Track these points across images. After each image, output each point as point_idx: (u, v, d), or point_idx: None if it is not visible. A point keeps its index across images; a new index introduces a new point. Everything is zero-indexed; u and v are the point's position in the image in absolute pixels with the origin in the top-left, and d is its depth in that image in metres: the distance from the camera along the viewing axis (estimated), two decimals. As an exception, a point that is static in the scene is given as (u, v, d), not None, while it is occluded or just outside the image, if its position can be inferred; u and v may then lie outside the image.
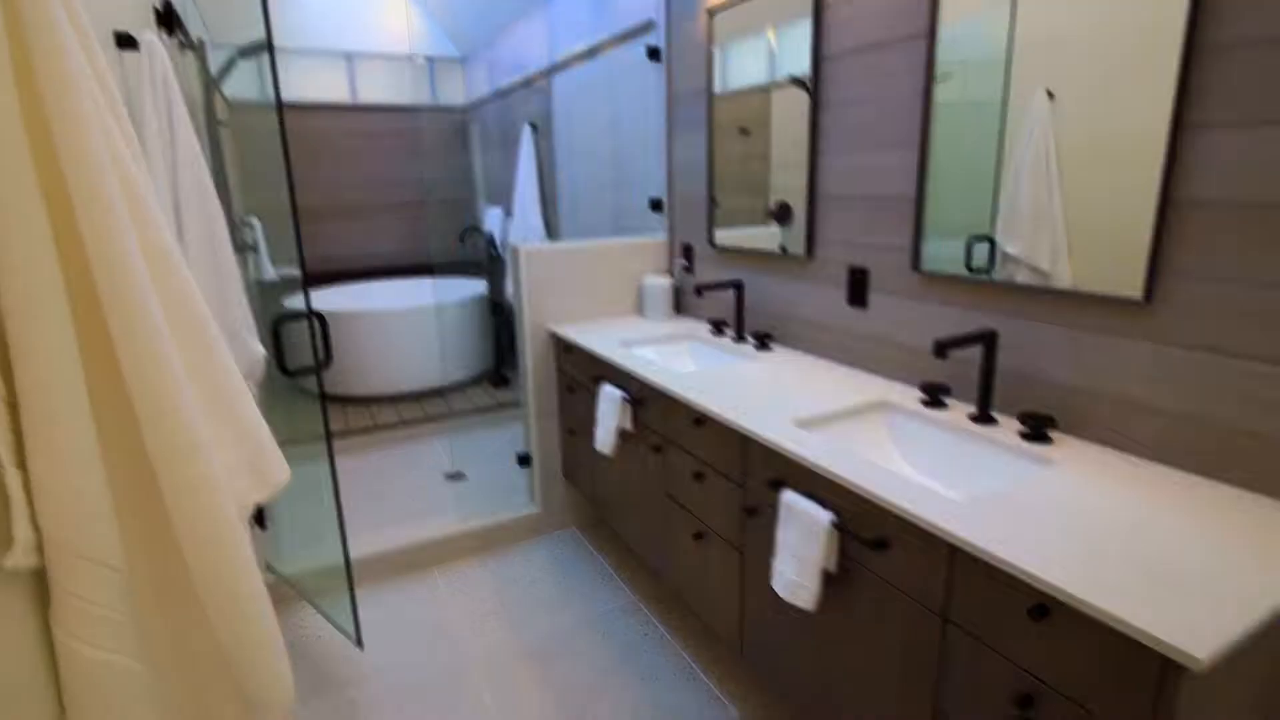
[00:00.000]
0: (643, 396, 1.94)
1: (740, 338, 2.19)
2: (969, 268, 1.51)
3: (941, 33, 1.49)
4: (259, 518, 2.39)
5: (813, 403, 1.60)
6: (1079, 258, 1.30)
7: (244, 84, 4.54)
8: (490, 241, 4.43)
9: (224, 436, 0.81)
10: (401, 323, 4.11)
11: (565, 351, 2.47)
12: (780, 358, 2.00)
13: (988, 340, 1.41)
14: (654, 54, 2.54)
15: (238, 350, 1.59)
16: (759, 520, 1.51)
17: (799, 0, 1.85)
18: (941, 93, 1.52)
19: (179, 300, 0.77)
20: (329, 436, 1.78)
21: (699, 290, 2.08)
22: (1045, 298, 1.37)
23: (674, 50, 2.47)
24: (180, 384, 0.74)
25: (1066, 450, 1.30)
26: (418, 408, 4.02)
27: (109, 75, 0.73)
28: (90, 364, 0.72)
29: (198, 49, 2.45)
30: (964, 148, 1.49)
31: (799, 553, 1.31)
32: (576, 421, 2.46)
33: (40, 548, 0.72)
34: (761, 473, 1.48)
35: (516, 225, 3.98)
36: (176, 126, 1.46)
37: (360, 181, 4.89)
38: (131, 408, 0.72)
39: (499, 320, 4.46)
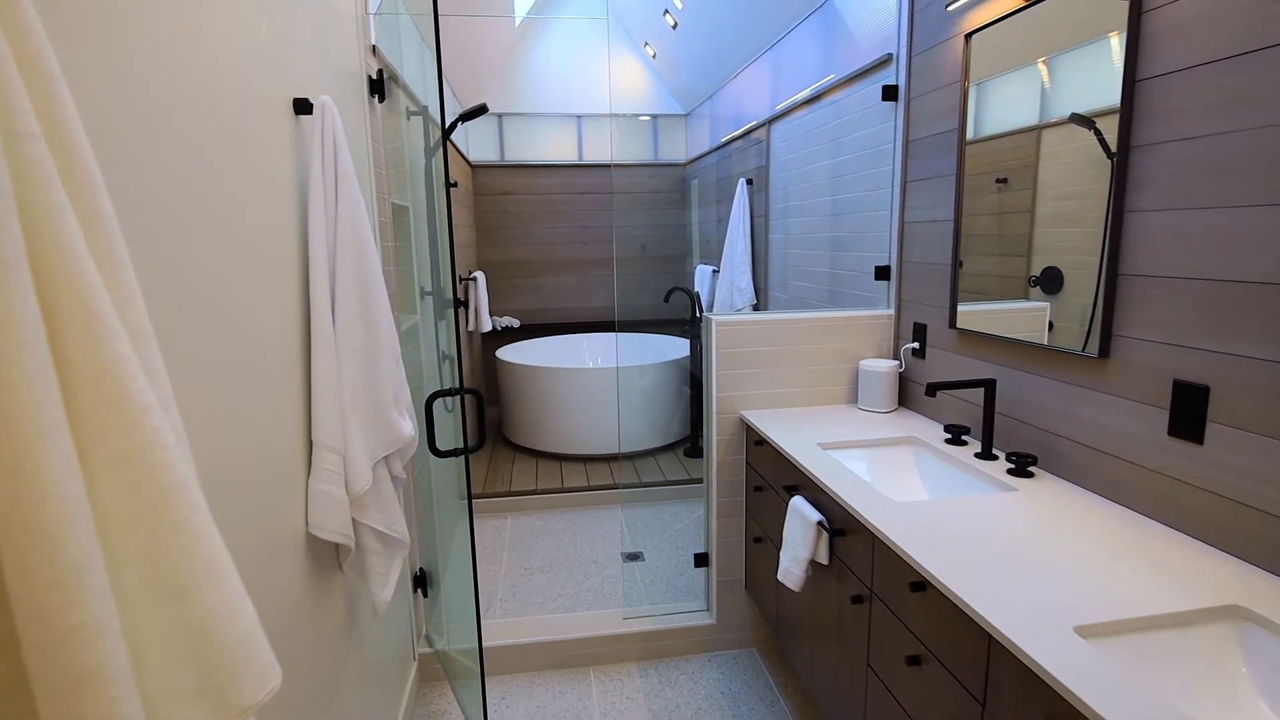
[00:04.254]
0: (843, 526, 1.49)
1: (988, 454, 1.64)
2: None
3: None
4: (421, 584, 2.30)
5: (1108, 589, 1.04)
6: None
7: (488, 147, 4.87)
8: (695, 301, 4.20)
9: (165, 651, 0.56)
10: (598, 381, 4.00)
11: (755, 444, 2.08)
12: (1049, 494, 1.42)
13: None
14: (890, 93, 2.12)
15: (382, 428, 1.45)
16: (1007, 765, 0.99)
17: (1103, 4, 1.34)
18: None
19: (126, 445, 0.55)
20: (471, 521, 1.59)
21: (932, 390, 1.58)
22: None
23: (915, 87, 2.02)
24: (85, 579, 0.48)
25: None
26: (605, 471, 3.85)
27: (78, 131, 0.54)
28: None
29: (423, 114, 2.53)
30: None
31: None
32: (763, 528, 2.05)
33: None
34: (1018, 699, 0.96)
35: (723, 285, 3.70)
36: (341, 188, 1.37)
37: (579, 237, 4.99)
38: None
39: (696, 387, 4.18)
